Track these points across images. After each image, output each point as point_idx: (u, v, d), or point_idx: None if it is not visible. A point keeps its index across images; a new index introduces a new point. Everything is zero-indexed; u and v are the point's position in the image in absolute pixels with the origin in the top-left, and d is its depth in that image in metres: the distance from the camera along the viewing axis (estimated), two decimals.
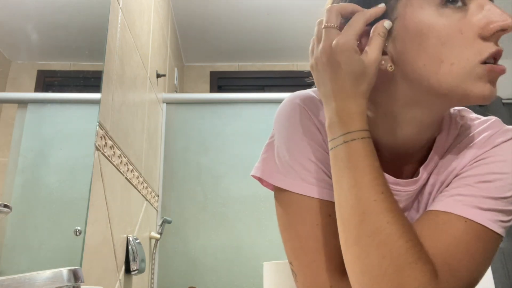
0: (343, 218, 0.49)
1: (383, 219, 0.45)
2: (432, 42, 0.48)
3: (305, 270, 0.54)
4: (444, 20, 0.47)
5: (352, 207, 0.47)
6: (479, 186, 0.51)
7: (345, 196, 0.48)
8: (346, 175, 0.49)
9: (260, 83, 3.14)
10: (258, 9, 2.55)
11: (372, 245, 0.45)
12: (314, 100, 0.61)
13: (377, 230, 0.45)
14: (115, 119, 1.23)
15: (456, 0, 0.48)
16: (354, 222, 0.47)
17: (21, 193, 0.73)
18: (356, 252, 0.46)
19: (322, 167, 0.57)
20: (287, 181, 0.57)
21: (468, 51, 0.47)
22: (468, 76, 0.47)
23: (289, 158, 0.58)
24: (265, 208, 1.96)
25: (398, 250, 0.44)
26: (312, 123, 0.59)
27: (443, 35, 0.47)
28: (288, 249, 0.57)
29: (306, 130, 0.59)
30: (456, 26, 0.47)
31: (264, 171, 0.60)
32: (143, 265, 1.43)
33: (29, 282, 0.46)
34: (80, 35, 1.01)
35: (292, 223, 0.56)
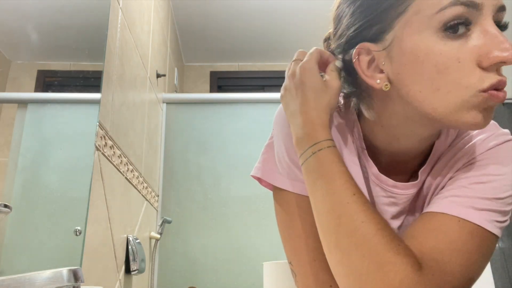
0: (322, 225, 0.50)
1: (358, 219, 0.46)
2: (428, 69, 0.46)
3: (305, 269, 0.54)
4: (441, 46, 0.46)
5: (328, 212, 0.49)
6: (473, 187, 0.51)
7: (321, 204, 0.50)
8: (318, 184, 0.51)
9: (260, 83, 3.14)
10: (258, 9, 2.55)
11: (351, 246, 0.46)
12: None
13: (354, 231, 0.46)
14: (115, 119, 1.23)
15: (456, 27, 0.45)
16: (332, 226, 0.48)
17: (21, 193, 0.73)
18: (338, 255, 0.47)
19: None
20: (286, 181, 0.57)
21: (467, 80, 0.45)
22: (464, 104, 0.46)
23: (288, 159, 0.58)
24: (265, 208, 1.96)
25: (376, 247, 0.45)
26: None
27: (440, 62, 0.46)
28: (288, 248, 0.57)
29: None
30: (454, 54, 0.45)
31: (264, 172, 0.61)
32: (143, 265, 1.43)
33: (29, 282, 0.46)
34: (80, 35, 1.01)
35: (292, 223, 0.56)
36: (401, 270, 0.43)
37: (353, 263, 0.45)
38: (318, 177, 0.51)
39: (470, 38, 0.45)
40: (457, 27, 0.45)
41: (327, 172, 0.50)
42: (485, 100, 0.45)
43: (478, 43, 0.45)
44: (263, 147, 0.64)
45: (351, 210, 0.47)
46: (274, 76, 3.14)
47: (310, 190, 0.52)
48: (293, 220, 0.56)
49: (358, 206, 0.47)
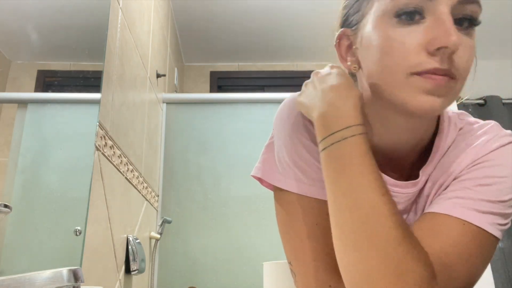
0: (340, 223, 0.47)
1: (386, 224, 0.44)
2: (377, 51, 0.50)
3: (304, 269, 0.54)
4: (391, 31, 0.48)
5: (351, 211, 0.46)
6: (477, 189, 0.51)
7: (343, 198, 0.47)
8: (343, 177, 0.47)
9: (260, 83, 3.14)
10: (258, 9, 2.55)
11: (372, 251, 0.44)
12: None
13: (379, 235, 0.44)
14: (115, 119, 1.23)
15: (408, 14, 0.48)
16: (353, 227, 0.45)
17: (21, 193, 0.73)
18: (355, 257, 0.45)
19: (320, 168, 0.57)
20: (287, 181, 0.57)
21: (407, 62, 0.47)
22: (403, 86, 0.48)
23: (288, 159, 0.58)
24: (265, 208, 1.96)
25: (399, 255, 0.43)
26: (311, 123, 0.59)
27: (387, 45, 0.49)
28: (288, 249, 0.57)
29: (305, 131, 0.59)
30: (401, 38, 0.48)
31: (264, 172, 0.60)
32: (143, 265, 1.43)
33: (29, 282, 0.46)
34: (80, 35, 1.01)
35: (292, 223, 0.56)
36: (420, 281, 0.43)
37: (372, 268, 0.43)
38: (345, 168, 0.47)
39: (421, 25, 0.47)
40: (410, 14, 0.48)
41: (356, 164, 0.46)
42: (419, 81, 0.47)
43: (427, 29, 0.47)
44: (263, 147, 0.64)
45: (379, 213, 0.44)
46: (274, 76, 3.14)
47: (329, 181, 0.48)
48: (293, 220, 0.56)
49: (388, 209, 0.45)
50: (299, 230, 0.55)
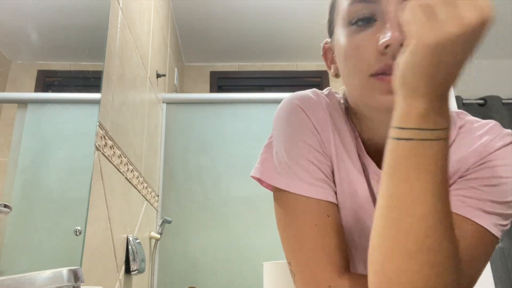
0: (399, 226, 0.41)
1: (448, 238, 0.41)
2: (340, 58, 0.54)
3: (303, 270, 0.54)
4: (347, 38, 0.52)
5: (422, 217, 0.40)
6: (484, 189, 0.51)
7: (414, 202, 0.41)
8: (422, 177, 0.40)
9: (260, 83, 3.14)
10: (258, 9, 2.55)
11: (428, 263, 0.40)
12: (313, 101, 0.61)
13: (440, 249, 0.40)
14: (115, 119, 1.23)
15: (359, 21, 0.51)
16: (415, 234, 0.40)
17: (21, 193, 0.73)
18: (404, 265, 0.41)
19: (320, 168, 0.57)
20: (286, 181, 0.57)
21: (361, 65, 0.50)
22: (365, 88, 0.50)
23: (287, 159, 0.58)
24: (265, 208, 1.96)
25: (449, 270, 0.41)
26: (310, 123, 0.60)
27: (346, 51, 0.52)
28: (287, 249, 0.57)
29: (304, 131, 0.59)
30: (355, 43, 0.51)
31: (263, 172, 0.60)
32: (143, 265, 1.43)
33: (29, 282, 0.46)
34: (80, 35, 1.01)
35: (291, 223, 0.56)
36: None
37: (420, 278, 0.40)
38: (426, 170, 0.40)
39: (372, 28, 0.50)
40: (364, 20, 0.50)
41: (438, 169, 0.41)
42: (376, 84, 0.49)
43: (375, 31, 0.49)
44: (262, 147, 0.64)
45: (446, 225, 0.41)
46: (274, 76, 3.15)
47: (400, 174, 0.41)
48: (292, 221, 0.56)
49: (451, 222, 0.42)
50: (298, 231, 0.55)
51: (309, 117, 0.60)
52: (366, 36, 0.50)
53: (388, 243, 0.42)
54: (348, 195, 0.59)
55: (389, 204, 0.42)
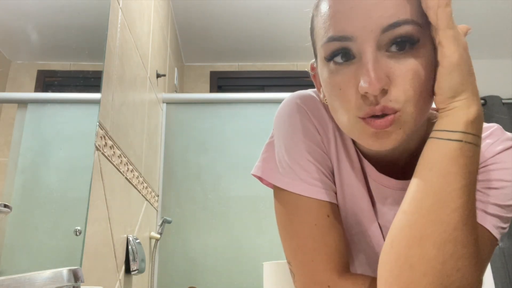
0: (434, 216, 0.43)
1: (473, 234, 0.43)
2: (327, 95, 0.52)
3: (303, 269, 0.54)
4: (328, 75, 0.50)
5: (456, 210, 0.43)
6: (486, 192, 0.52)
7: (452, 196, 0.43)
8: (462, 175, 0.44)
9: (260, 83, 3.14)
10: (258, 9, 2.55)
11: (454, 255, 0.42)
12: (314, 100, 0.61)
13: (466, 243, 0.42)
14: (115, 119, 1.23)
15: (338, 58, 0.48)
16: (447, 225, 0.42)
17: (21, 193, 0.73)
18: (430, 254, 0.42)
19: (320, 168, 0.57)
20: (286, 181, 0.57)
21: (347, 106, 0.48)
22: (352, 128, 0.50)
23: (288, 158, 0.58)
24: (265, 208, 1.96)
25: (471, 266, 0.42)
26: (311, 123, 0.59)
27: (329, 89, 0.50)
28: (287, 248, 0.57)
29: (305, 131, 0.59)
30: (337, 82, 0.49)
31: (264, 171, 0.60)
32: (143, 265, 1.43)
33: (29, 282, 0.46)
34: (80, 35, 1.01)
35: (291, 222, 0.56)
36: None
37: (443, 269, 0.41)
38: (464, 169, 0.44)
39: (352, 67, 0.48)
40: (341, 56, 0.48)
41: (474, 172, 0.45)
42: (365, 127, 0.47)
43: (354, 74, 0.47)
44: (263, 147, 0.64)
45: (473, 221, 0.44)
46: (274, 76, 3.14)
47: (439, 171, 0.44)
48: (292, 220, 0.56)
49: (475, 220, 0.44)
50: (298, 230, 0.55)
51: (310, 117, 0.59)
52: (347, 77, 0.48)
53: (417, 230, 0.43)
54: (348, 196, 0.60)
55: (425, 194, 0.44)
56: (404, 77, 0.45)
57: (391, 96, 0.45)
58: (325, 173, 0.58)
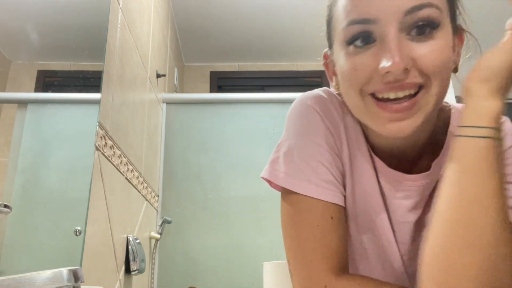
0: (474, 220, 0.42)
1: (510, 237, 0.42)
2: (341, 79, 0.53)
3: (301, 269, 0.54)
4: (345, 58, 0.50)
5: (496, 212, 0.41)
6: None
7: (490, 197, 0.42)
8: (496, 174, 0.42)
9: (260, 83, 3.14)
10: (258, 9, 2.55)
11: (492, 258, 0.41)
12: (325, 101, 0.61)
13: (504, 245, 0.42)
14: (115, 119, 1.23)
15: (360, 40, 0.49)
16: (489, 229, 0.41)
17: (21, 193, 0.73)
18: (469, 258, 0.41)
19: (330, 169, 0.57)
20: (293, 182, 0.57)
21: (359, 84, 0.49)
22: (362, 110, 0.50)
23: (298, 159, 0.58)
24: (265, 208, 1.96)
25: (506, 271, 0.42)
26: (324, 124, 0.59)
27: (343, 71, 0.51)
28: (288, 247, 0.57)
29: (317, 132, 0.58)
30: (354, 64, 0.49)
31: (271, 173, 0.60)
32: (143, 265, 1.43)
33: (29, 282, 0.46)
34: (80, 35, 1.01)
35: (294, 222, 0.56)
36: None
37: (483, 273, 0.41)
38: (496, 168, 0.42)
39: (371, 50, 0.48)
40: (361, 40, 0.49)
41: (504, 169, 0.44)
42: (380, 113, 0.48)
43: (374, 54, 0.47)
44: (263, 147, 0.64)
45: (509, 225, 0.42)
46: (274, 76, 3.15)
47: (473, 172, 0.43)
48: (295, 221, 0.56)
49: None
50: (300, 230, 0.55)
51: (322, 118, 0.59)
52: (365, 59, 0.48)
53: (456, 235, 0.42)
54: (360, 194, 0.59)
55: (462, 198, 0.42)
56: (426, 58, 0.46)
57: (413, 75, 0.46)
58: (334, 175, 0.57)
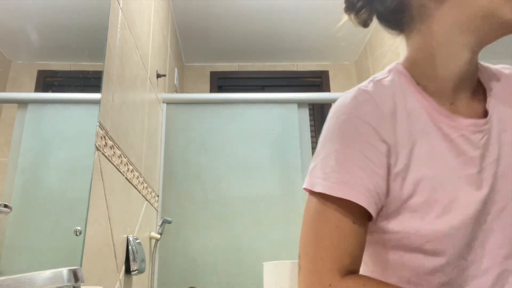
0: None
1: None
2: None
3: (310, 265, 0.54)
4: None
5: None
6: None
7: None
8: None
9: (260, 83, 3.14)
10: (258, 9, 2.55)
11: None
12: (369, 101, 0.58)
13: None
14: (115, 119, 1.23)
15: None
16: None
17: (21, 193, 0.73)
18: None
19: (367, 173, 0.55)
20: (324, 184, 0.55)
21: None
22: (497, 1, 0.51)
23: (335, 161, 0.56)
24: (265, 208, 1.96)
25: None
26: (367, 123, 0.56)
27: None
28: (303, 243, 0.57)
29: (354, 136, 0.56)
30: None
31: (308, 181, 0.58)
32: (143, 265, 1.43)
33: (29, 282, 0.46)
34: (80, 35, 1.01)
35: (315, 220, 0.56)
36: None
37: None
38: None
39: None
40: None
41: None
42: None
43: None
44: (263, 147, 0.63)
45: None
46: (274, 76, 3.15)
47: None
48: (317, 219, 0.56)
49: None
50: (319, 229, 0.55)
51: (367, 122, 0.57)
52: None
53: None
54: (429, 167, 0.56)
55: None
56: None
57: None
58: (371, 181, 0.55)
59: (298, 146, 2.06)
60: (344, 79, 3.17)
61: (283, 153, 2.04)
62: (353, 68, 3.21)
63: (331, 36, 2.82)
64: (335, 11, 2.57)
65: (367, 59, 2.93)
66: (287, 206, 1.96)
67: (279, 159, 2.02)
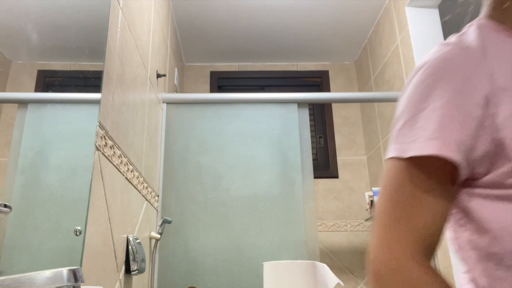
0: None
1: None
2: None
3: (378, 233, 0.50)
4: None
5: None
6: None
7: None
8: None
9: (260, 83, 3.14)
10: (258, 9, 2.55)
11: None
12: (454, 58, 0.53)
13: None
14: (115, 119, 1.23)
15: None
16: None
17: (21, 193, 0.73)
18: None
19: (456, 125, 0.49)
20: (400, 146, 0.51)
21: None
22: None
23: (410, 120, 0.51)
24: (265, 208, 1.96)
25: None
26: (455, 72, 0.51)
27: None
28: (381, 212, 0.52)
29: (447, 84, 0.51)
30: None
31: (395, 150, 0.53)
32: (143, 265, 1.43)
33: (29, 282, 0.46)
34: (80, 35, 1.01)
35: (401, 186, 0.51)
36: None
37: None
38: None
39: None
40: None
41: None
42: None
43: None
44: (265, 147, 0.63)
45: None
46: (274, 76, 3.15)
47: None
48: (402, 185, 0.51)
49: None
50: (403, 194, 0.51)
51: (455, 70, 0.51)
52: None
53: None
54: None
55: None
56: None
57: None
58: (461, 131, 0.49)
59: (298, 146, 2.06)
60: (344, 79, 3.17)
61: (283, 153, 2.04)
62: (353, 68, 3.21)
63: (331, 36, 2.82)
64: (335, 11, 2.57)
65: (367, 59, 2.93)
66: (287, 206, 1.96)
67: (279, 159, 2.03)
